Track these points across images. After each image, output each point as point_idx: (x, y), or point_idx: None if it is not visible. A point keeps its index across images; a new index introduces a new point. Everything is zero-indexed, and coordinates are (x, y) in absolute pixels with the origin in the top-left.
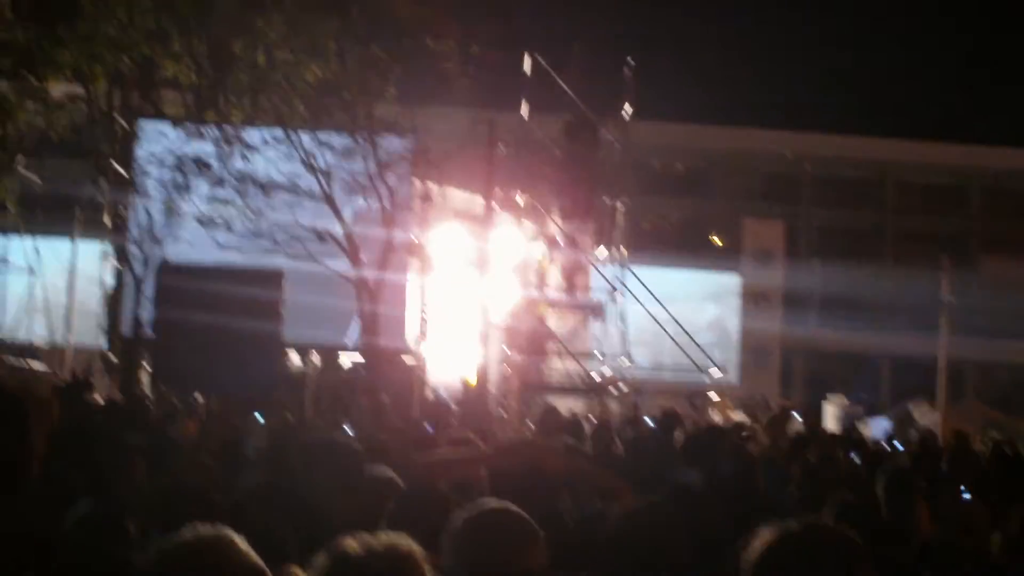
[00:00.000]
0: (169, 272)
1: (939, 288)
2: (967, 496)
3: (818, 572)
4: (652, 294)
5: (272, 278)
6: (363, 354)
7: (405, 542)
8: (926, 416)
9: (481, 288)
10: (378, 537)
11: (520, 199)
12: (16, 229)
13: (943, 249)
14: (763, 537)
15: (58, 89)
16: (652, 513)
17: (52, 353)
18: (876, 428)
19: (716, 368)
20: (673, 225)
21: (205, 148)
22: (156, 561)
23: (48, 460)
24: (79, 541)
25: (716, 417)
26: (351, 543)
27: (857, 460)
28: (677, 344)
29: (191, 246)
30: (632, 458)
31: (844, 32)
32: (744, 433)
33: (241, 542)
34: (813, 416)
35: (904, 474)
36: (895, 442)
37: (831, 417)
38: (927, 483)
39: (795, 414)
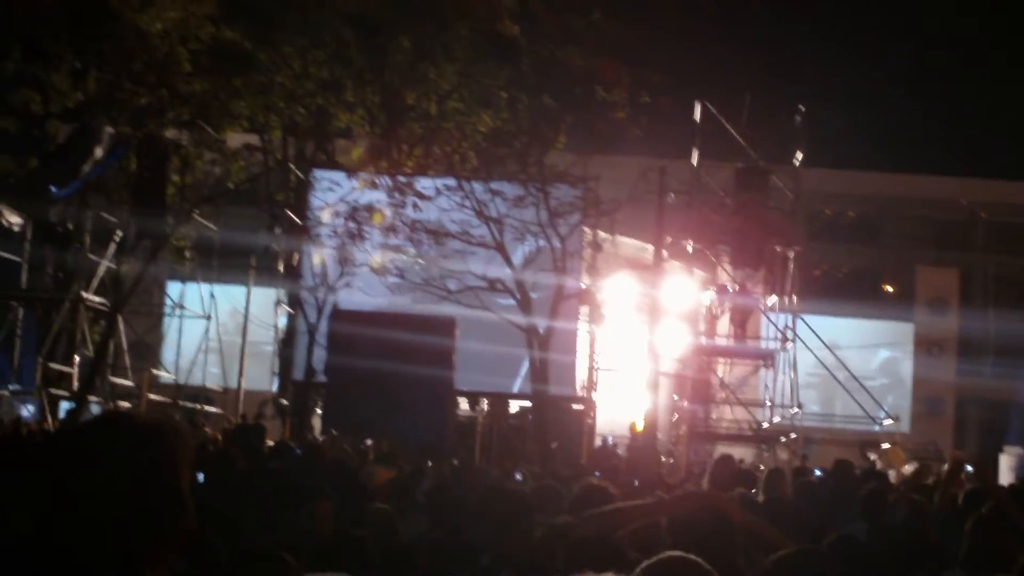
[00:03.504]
0: (342, 318)
1: None
2: None
3: None
4: (823, 342)
5: (444, 325)
6: (532, 401)
7: None
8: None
9: (651, 336)
10: None
11: (690, 247)
12: (193, 276)
13: None
14: None
15: (234, 139)
16: (804, 559)
17: (225, 396)
18: None
19: (888, 417)
20: (845, 273)
21: (378, 197)
22: None
23: (226, 500)
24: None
25: (888, 467)
26: None
27: None
28: (848, 392)
29: (364, 293)
30: (803, 508)
31: (1020, 78)
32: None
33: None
34: (988, 467)
35: None
36: None
37: (1006, 468)
38: None
39: (967, 466)
